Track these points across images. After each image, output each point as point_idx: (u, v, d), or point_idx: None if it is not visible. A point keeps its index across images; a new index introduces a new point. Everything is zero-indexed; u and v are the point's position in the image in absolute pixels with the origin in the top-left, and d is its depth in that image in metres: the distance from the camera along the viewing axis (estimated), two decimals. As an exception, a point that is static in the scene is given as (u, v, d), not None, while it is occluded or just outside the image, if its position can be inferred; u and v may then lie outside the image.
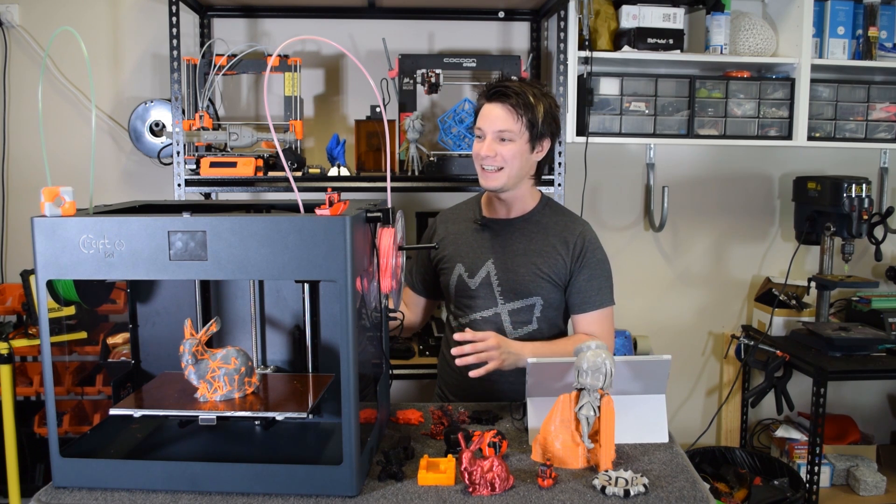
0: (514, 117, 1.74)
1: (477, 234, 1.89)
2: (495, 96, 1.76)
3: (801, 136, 2.67)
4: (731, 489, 2.55)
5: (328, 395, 1.37)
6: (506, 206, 1.87)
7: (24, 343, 2.40)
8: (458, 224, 1.95)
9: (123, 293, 2.25)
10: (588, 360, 1.33)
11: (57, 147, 2.74)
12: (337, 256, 1.15)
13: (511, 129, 1.74)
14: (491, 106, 1.76)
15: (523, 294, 1.82)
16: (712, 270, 3.06)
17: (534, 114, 1.75)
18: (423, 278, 2.02)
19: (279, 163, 2.42)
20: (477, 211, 1.94)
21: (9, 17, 2.67)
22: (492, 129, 1.75)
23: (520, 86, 1.76)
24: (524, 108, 1.73)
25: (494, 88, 1.77)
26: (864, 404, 3.14)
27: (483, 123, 1.77)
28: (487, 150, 1.76)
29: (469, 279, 1.86)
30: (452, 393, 1.93)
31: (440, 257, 1.93)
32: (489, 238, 1.87)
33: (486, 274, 1.84)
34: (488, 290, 1.84)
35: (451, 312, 1.94)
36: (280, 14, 2.73)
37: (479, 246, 1.88)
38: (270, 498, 1.21)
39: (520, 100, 1.73)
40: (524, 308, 1.83)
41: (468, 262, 1.87)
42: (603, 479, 1.27)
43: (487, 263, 1.85)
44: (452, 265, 1.89)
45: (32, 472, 2.61)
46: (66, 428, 2.48)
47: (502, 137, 1.75)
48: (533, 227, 1.86)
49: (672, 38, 2.57)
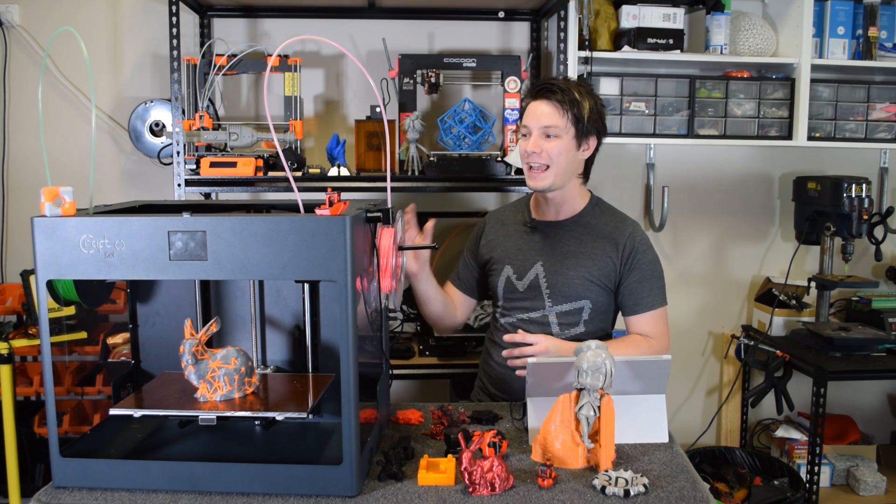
0: (560, 112, 1.73)
1: (526, 237, 1.89)
2: (541, 93, 1.75)
3: (801, 136, 2.67)
4: (731, 489, 2.55)
5: (328, 395, 1.37)
6: (555, 207, 1.86)
7: (24, 343, 2.40)
8: (507, 226, 1.95)
9: (123, 293, 2.25)
10: (588, 360, 1.33)
11: (57, 147, 2.74)
12: (337, 256, 1.15)
13: (556, 124, 1.73)
14: (536, 103, 1.76)
15: (572, 297, 1.82)
16: (712, 270, 3.06)
17: (579, 109, 1.74)
18: (471, 277, 2.01)
19: (279, 163, 2.42)
20: (526, 213, 1.93)
21: (9, 17, 2.67)
22: (537, 124, 1.75)
23: (565, 83, 1.76)
24: (570, 104, 1.73)
25: (539, 86, 1.76)
26: (864, 404, 3.13)
27: (528, 120, 1.77)
28: (533, 145, 1.75)
29: (517, 281, 1.86)
30: (494, 386, 1.93)
31: (489, 258, 1.94)
32: (538, 240, 1.87)
33: (535, 276, 1.84)
34: (536, 292, 1.84)
35: (499, 312, 1.94)
36: (280, 14, 2.73)
37: (528, 248, 1.87)
38: (270, 498, 1.21)
39: (565, 96, 1.73)
40: (573, 311, 1.83)
41: (517, 263, 1.87)
42: (603, 479, 1.27)
43: (536, 266, 1.84)
44: (501, 266, 1.89)
45: (32, 472, 2.61)
46: (66, 428, 2.48)
47: (548, 133, 1.74)
48: (582, 229, 1.85)
49: (672, 38, 2.57)
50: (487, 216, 2.03)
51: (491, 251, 1.93)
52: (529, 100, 1.79)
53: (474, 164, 2.44)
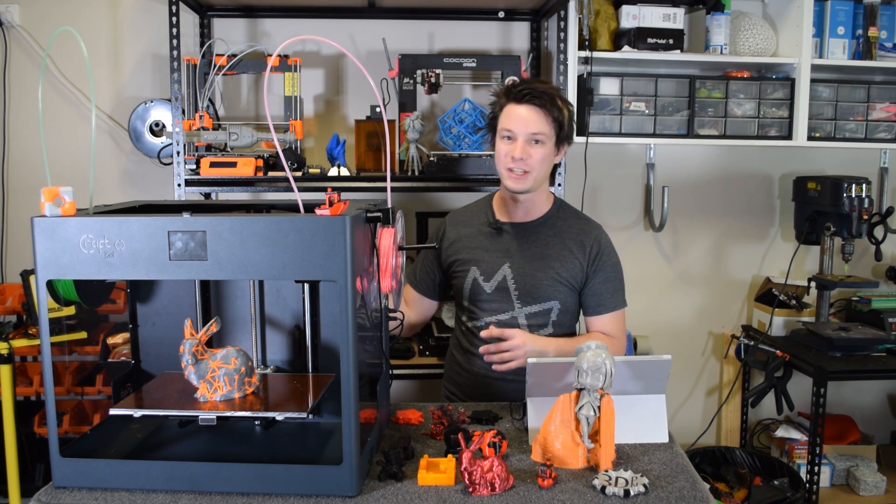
0: (546, 119, 1.73)
1: (492, 238, 1.88)
2: (527, 98, 1.73)
3: (801, 136, 2.67)
4: (731, 489, 2.55)
5: (328, 395, 1.37)
6: (523, 208, 1.86)
7: (24, 343, 2.40)
8: (470, 227, 1.93)
9: (123, 293, 2.25)
10: (588, 360, 1.33)
11: (57, 147, 2.74)
12: (337, 256, 1.15)
13: (543, 131, 1.73)
14: (521, 107, 1.74)
15: (541, 298, 1.82)
16: (712, 270, 3.06)
17: (561, 115, 1.75)
18: (430, 279, 1.99)
19: (279, 163, 2.42)
20: (490, 213, 1.92)
21: (9, 17, 2.67)
22: (525, 131, 1.74)
23: (547, 87, 1.76)
24: (555, 110, 1.73)
25: (523, 90, 1.74)
26: (864, 404, 3.13)
27: (514, 125, 1.75)
28: (521, 152, 1.74)
29: (485, 283, 1.86)
30: (460, 392, 1.93)
31: (453, 260, 1.91)
32: (505, 242, 1.86)
33: (503, 278, 1.84)
34: (505, 293, 1.84)
35: (465, 314, 1.92)
36: (280, 14, 2.73)
37: (495, 249, 1.86)
38: (270, 498, 1.21)
39: (550, 102, 1.73)
40: (541, 312, 1.83)
41: (484, 265, 1.86)
42: (603, 479, 1.27)
43: (504, 267, 1.84)
44: (467, 268, 1.88)
45: (32, 472, 2.61)
46: (66, 428, 2.48)
47: (535, 139, 1.74)
48: (549, 231, 1.85)
49: (672, 38, 2.57)
50: (448, 216, 2.01)
51: (456, 253, 1.91)
52: (508, 102, 1.77)
53: (474, 164, 2.44)
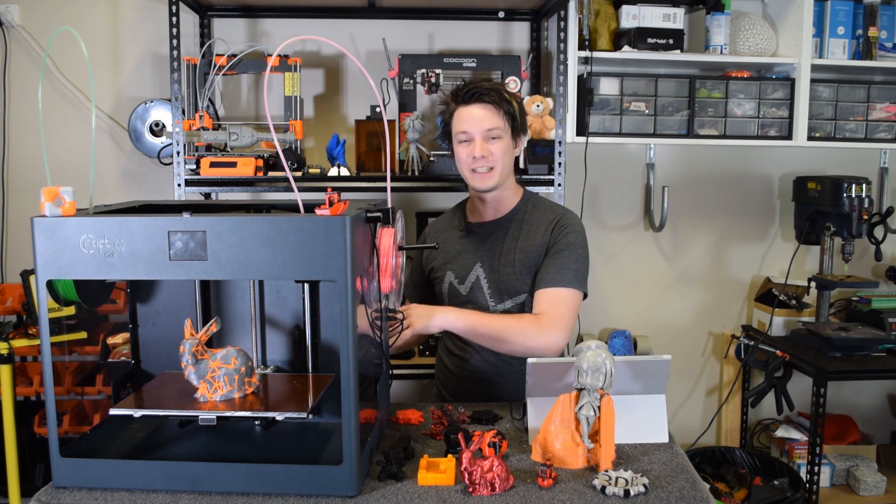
0: (497, 114, 1.76)
1: (463, 241, 1.91)
2: (473, 97, 1.76)
3: (801, 136, 2.67)
4: (731, 489, 2.55)
5: (328, 395, 1.37)
6: (492, 206, 1.88)
7: (24, 343, 2.40)
8: (444, 233, 1.97)
9: (123, 293, 2.24)
10: (588, 360, 1.32)
11: (57, 147, 2.74)
12: (337, 256, 1.15)
13: (498, 125, 1.76)
14: (471, 107, 1.77)
15: (512, 293, 1.83)
16: (712, 270, 3.06)
17: (511, 108, 1.78)
18: (418, 288, 2.04)
19: (279, 163, 2.42)
20: (461, 217, 1.96)
21: (9, 17, 2.67)
22: (479, 129, 1.76)
23: (490, 84, 1.79)
24: (503, 103, 1.76)
25: (469, 90, 1.77)
26: (864, 404, 3.13)
27: (468, 126, 1.77)
28: (481, 150, 1.76)
29: (459, 285, 1.88)
30: (450, 393, 1.94)
31: (431, 267, 1.96)
32: (474, 243, 1.89)
33: (476, 278, 1.86)
34: (479, 293, 1.85)
35: None
36: (280, 14, 2.73)
37: (466, 252, 1.89)
38: (270, 498, 1.21)
39: (497, 97, 1.75)
40: (515, 306, 1.83)
41: (457, 268, 1.89)
42: (603, 479, 1.27)
43: (475, 267, 1.86)
44: (443, 273, 1.91)
45: (32, 472, 2.61)
46: (66, 428, 2.48)
47: (492, 136, 1.77)
48: (517, 225, 1.87)
49: (672, 38, 2.57)
50: (428, 226, 2.06)
51: (433, 260, 1.95)
52: (456, 105, 1.79)
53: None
